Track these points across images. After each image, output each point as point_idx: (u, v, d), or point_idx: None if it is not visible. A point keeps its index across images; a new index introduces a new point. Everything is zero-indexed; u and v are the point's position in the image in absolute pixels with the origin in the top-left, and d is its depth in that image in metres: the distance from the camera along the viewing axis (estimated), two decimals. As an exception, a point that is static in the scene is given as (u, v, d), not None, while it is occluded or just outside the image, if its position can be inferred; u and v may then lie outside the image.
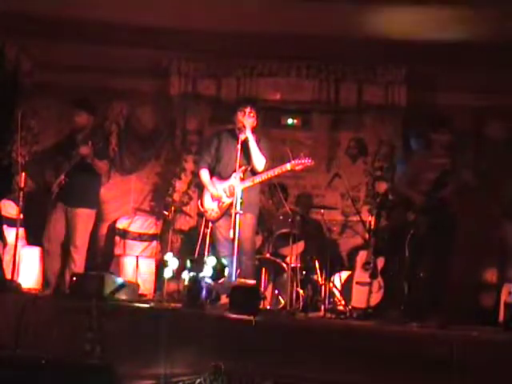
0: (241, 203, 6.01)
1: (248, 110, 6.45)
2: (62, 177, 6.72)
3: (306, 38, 7.42)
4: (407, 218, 6.56)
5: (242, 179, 6.31)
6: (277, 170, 6.37)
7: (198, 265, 6.00)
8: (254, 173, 6.45)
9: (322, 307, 6.86)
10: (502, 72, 7.63)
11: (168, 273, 6.20)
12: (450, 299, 6.39)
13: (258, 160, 6.42)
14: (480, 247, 7.87)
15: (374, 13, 6.98)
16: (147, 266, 8.06)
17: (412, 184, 6.54)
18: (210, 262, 5.98)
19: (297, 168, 6.39)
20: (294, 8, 6.86)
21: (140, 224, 8.33)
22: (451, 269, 6.33)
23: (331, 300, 7.26)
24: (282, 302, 7.07)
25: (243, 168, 6.35)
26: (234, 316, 5.33)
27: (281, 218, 7.57)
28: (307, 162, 6.37)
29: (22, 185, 6.44)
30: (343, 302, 7.21)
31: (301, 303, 7.01)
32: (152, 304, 6.23)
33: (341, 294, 7.36)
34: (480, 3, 6.50)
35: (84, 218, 6.86)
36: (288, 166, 6.34)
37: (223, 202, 6.46)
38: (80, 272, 6.61)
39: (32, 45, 7.98)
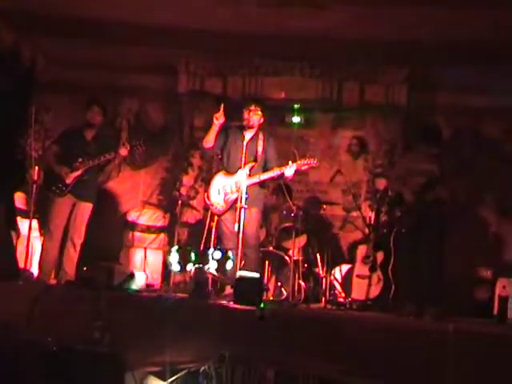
0: (246, 198, 6.16)
1: (253, 107, 6.55)
2: (80, 172, 6.87)
3: (309, 39, 7.51)
4: (394, 214, 6.66)
5: (249, 176, 6.45)
6: (283, 169, 6.47)
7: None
8: (262, 169, 6.58)
9: (323, 299, 6.98)
10: (501, 72, 7.70)
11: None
12: (447, 293, 6.43)
13: (273, 158, 6.62)
14: (476, 244, 7.96)
15: (373, 13, 7.04)
16: (155, 258, 8.22)
17: (403, 183, 6.62)
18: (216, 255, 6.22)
19: (303, 168, 6.53)
20: (298, 9, 6.99)
21: (148, 217, 8.48)
22: (444, 266, 6.42)
23: (332, 292, 7.39)
24: (285, 293, 7.19)
25: (250, 165, 6.49)
26: (238, 306, 5.45)
27: (284, 212, 7.69)
28: (313, 163, 6.52)
29: (36, 178, 6.65)
30: (343, 294, 7.35)
31: (302, 295, 7.09)
32: (159, 294, 6.41)
33: (341, 287, 7.49)
34: (480, 3, 6.57)
35: (89, 211, 7.02)
36: (294, 166, 6.45)
37: (229, 197, 6.56)
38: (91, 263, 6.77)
39: (47, 43, 8.09)
